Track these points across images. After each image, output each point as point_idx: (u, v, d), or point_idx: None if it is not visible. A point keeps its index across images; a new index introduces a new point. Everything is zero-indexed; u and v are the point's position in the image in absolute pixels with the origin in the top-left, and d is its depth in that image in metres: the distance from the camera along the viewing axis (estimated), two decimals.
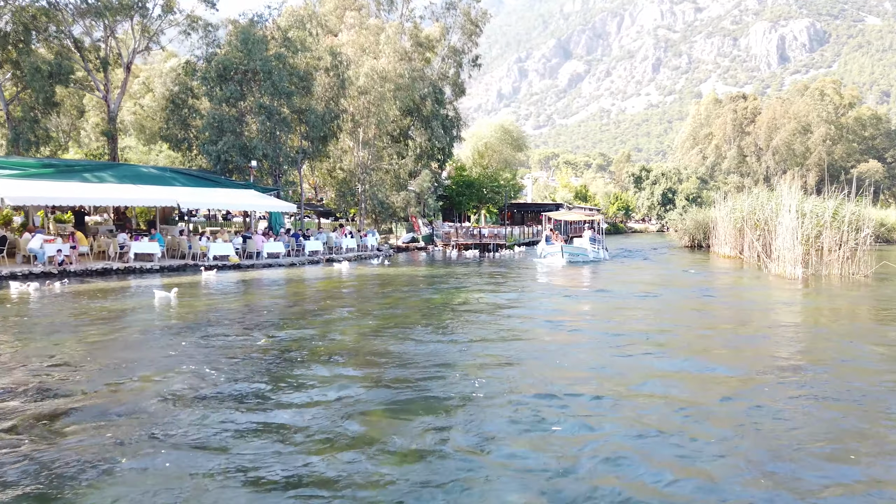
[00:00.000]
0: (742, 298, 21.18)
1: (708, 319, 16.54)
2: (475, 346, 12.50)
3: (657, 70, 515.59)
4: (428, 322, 15.15)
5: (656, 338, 13.65)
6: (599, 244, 40.11)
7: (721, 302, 19.96)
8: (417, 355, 11.58)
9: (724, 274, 30.10)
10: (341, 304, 18.42)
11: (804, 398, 9.30)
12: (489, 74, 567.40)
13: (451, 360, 11.43)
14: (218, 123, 36.63)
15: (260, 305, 18.16)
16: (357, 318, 15.86)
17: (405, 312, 16.86)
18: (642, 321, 15.84)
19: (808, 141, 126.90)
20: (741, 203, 38.88)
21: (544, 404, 8.84)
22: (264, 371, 10.51)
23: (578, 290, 23.49)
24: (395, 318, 15.87)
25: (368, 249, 41.80)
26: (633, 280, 26.35)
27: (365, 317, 16.09)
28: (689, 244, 55.67)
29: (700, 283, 25.73)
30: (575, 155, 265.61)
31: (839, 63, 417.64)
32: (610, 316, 16.93)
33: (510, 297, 20.28)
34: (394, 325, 14.71)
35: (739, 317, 16.83)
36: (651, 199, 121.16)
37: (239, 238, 33.66)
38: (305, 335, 13.59)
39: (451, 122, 55.88)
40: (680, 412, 8.65)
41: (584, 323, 16.11)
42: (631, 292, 21.74)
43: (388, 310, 17.37)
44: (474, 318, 15.84)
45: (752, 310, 18.17)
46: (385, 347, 12.23)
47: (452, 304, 18.44)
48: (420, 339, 13.07)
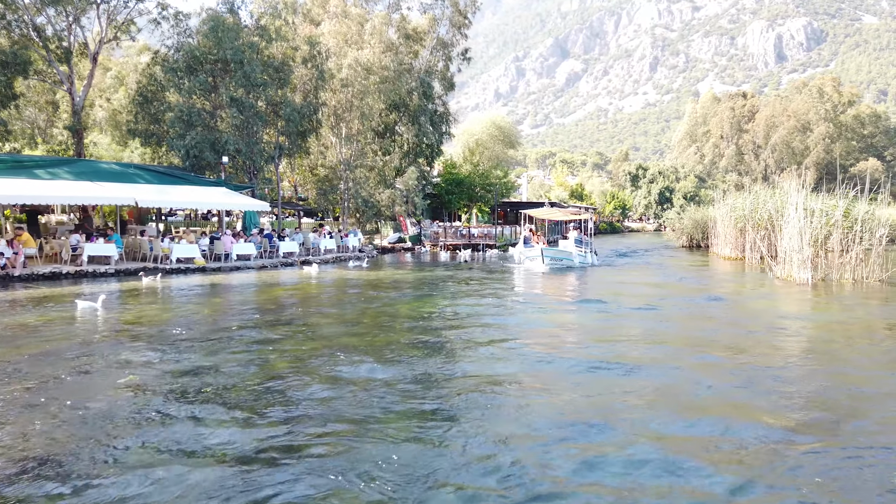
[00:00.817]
0: (750, 312, 18.15)
1: (714, 347, 13.17)
2: (409, 391, 9.50)
3: (654, 69, 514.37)
4: (368, 347, 12.44)
5: (650, 374, 10.61)
6: (587, 247, 35.32)
7: (727, 319, 16.90)
8: (331, 402, 8.84)
9: (726, 280, 27.70)
10: (285, 318, 16.05)
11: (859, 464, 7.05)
12: (486, 74, 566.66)
13: (365, 413, 8.34)
14: (186, 117, 34.43)
15: (189, 319, 15.77)
16: (294, 337, 13.48)
17: (353, 330, 14.49)
18: (634, 346, 12.95)
19: (808, 139, 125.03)
20: (742, 201, 36.74)
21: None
22: (105, 423, 7.77)
23: (558, 304, 20.31)
24: (339, 337, 13.50)
25: (350, 251, 39.60)
26: (625, 290, 23.14)
27: (305, 335, 13.70)
28: (687, 244, 53.63)
29: (700, 291, 22.92)
30: (572, 154, 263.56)
31: (836, 62, 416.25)
32: (594, 339, 13.97)
33: (475, 310, 17.36)
34: (333, 347, 12.34)
35: (750, 342, 13.40)
36: (648, 197, 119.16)
37: (206, 239, 31.47)
38: (212, 363, 10.86)
39: (440, 118, 53.69)
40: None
41: (558, 351, 12.64)
42: (622, 306, 18.75)
43: (335, 326, 15.04)
44: (424, 343, 12.96)
45: (763, 328, 15.28)
46: (298, 383, 9.86)
47: (407, 321, 15.93)
48: (346, 375, 10.24)
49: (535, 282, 26.66)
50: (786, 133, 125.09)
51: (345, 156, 43.43)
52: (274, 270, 30.32)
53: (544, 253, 31.30)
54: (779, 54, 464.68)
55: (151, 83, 37.73)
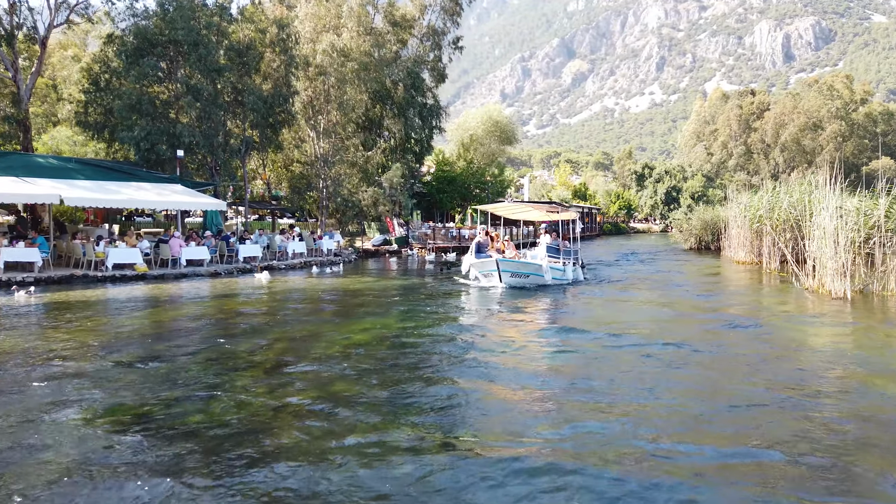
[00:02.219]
0: (798, 354, 12.47)
1: (769, 437, 8.10)
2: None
3: (661, 69, 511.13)
4: (241, 400, 8.98)
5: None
6: (569, 257, 25.89)
7: (770, 373, 10.41)
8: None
9: (746, 293, 22.89)
10: (174, 346, 12.42)
11: None
12: (492, 74, 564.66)
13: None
14: (136, 105, 30.76)
15: (39, 347, 12.12)
16: (160, 380, 9.93)
17: (243, 369, 10.87)
18: (642, 438, 7.51)
19: (819, 137, 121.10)
20: (758, 200, 32.86)
21: None
22: None
23: (517, 344, 13.14)
24: (216, 378, 9.91)
25: (324, 254, 35.91)
26: (618, 316, 17.05)
27: (164, 378, 10.15)
28: (696, 246, 49.81)
29: (718, 313, 17.52)
30: (578, 154, 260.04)
31: (845, 61, 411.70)
32: (557, 422, 8.17)
33: (404, 341, 13.23)
34: (199, 387, 8.76)
35: (823, 430, 8.32)
36: (654, 197, 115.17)
37: (146, 242, 27.81)
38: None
39: (429, 111, 49.89)
40: None
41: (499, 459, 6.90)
42: (612, 346, 12.75)
43: (218, 365, 11.38)
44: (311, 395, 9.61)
45: (832, 388, 9.84)
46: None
47: (316, 355, 12.24)
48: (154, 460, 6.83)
49: (483, 305, 19.40)
50: (796, 131, 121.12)
51: (322, 150, 39.75)
52: (227, 278, 26.62)
53: (501, 266, 22.65)
54: (787, 54, 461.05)
55: (104, 70, 34.01)
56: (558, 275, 24.57)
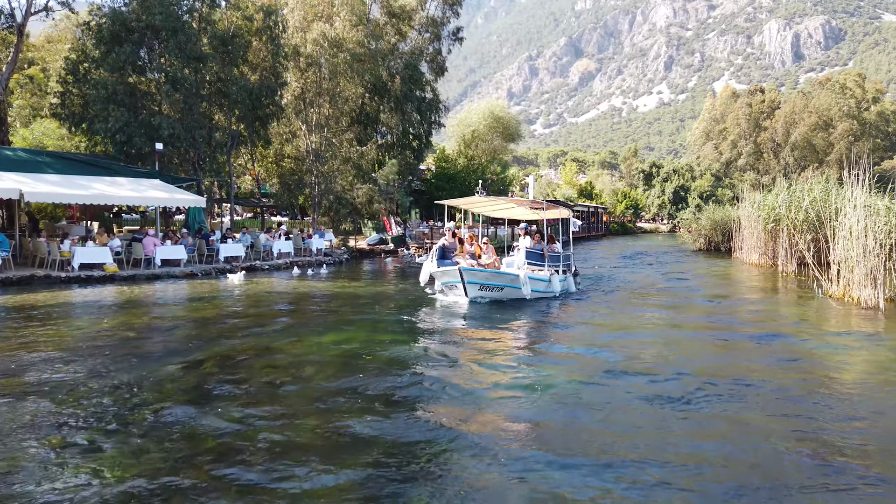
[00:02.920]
0: (833, 377, 10.46)
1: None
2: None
3: (669, 68, 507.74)
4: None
5: None
6: (558, 264, 21.53)
7: (822, 425, 7.92)
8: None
9: (765, 302, 20.41)
10: (80, 367, 10.65)
11: None
12: (499, 73, 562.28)
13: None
14: (112, 96, 28.95)
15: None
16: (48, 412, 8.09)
17: (140, 406, 9.13)
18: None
19: (830, 136, 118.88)
20: (773, 198, 30.85)
21: None
22: None
23: (468, 386, 9.82)
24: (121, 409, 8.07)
25: (313, 254, 34.05)
26: (614, 341, 13.44)
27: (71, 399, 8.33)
28: (705, 247, 47.81)
29: (738, 330, 15.00)
30: (585, 153, 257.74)
31: (855, 61, 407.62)
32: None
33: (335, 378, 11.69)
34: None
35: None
36: (662, 197, 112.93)
37: (117, 240, 25.99)
38: None
39: (428, 106, 47.96)
40: None
41: None
42: (601, 381, 10.09)
43: (136, 391, 9.61)
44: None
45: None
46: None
47: (233, 387, 10.58)
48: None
49: (446, 322, 16.04)
50: (807, 130, 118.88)
51: (314, 145, 37.91)
52: (202, 280, 24.82)
53: (466, 277, 17.96)
54: (796, 53, 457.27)
55: (82, 59, 32.20)
56: (541, 287, 20.05)
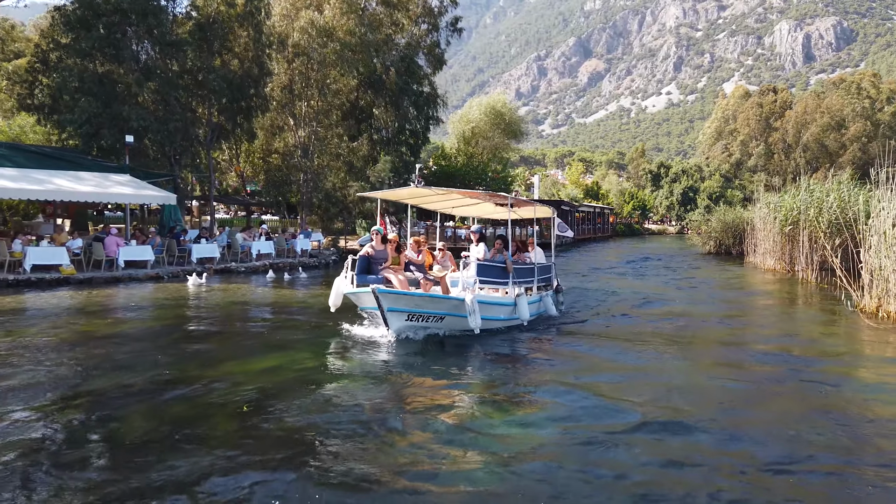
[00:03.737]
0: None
1: None
2: None
3: (679, 69, 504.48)
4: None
5: None
6: (529, 281, 15.96)
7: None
8: None
9: (784, 316, 17.87)
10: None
11: None
12: (508, 73, 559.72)
13: None
14: (77, 83, 26.94)
15: None
16: None
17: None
18: None
19: (843, 137, 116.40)
20: (791, 199, 28.60)
21: None
22: None
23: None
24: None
25: (298, 256, 31.95)
26: (607, 405, 8.76)
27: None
28: (715, 250, 45.56)
29: (752, 348, 12.56)
30: (593, 153, 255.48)
31: (866, 62, 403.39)
32: None
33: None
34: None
35: None
36: (670, 198, 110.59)
37: (79, 240, 23.98)
38: None
39: (426, 100, 45.81)
40: None
41: None
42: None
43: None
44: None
45: None
46: None
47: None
48: None
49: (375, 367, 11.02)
50: (818, 131, 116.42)
51: (302, 140, 35.85)
52: (167, 283, 22.77)
53: (385, 302, 12.29)
54: (807, 54, 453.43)
55: (52, 46, 30.16)
56: (501, 313, 14.30)
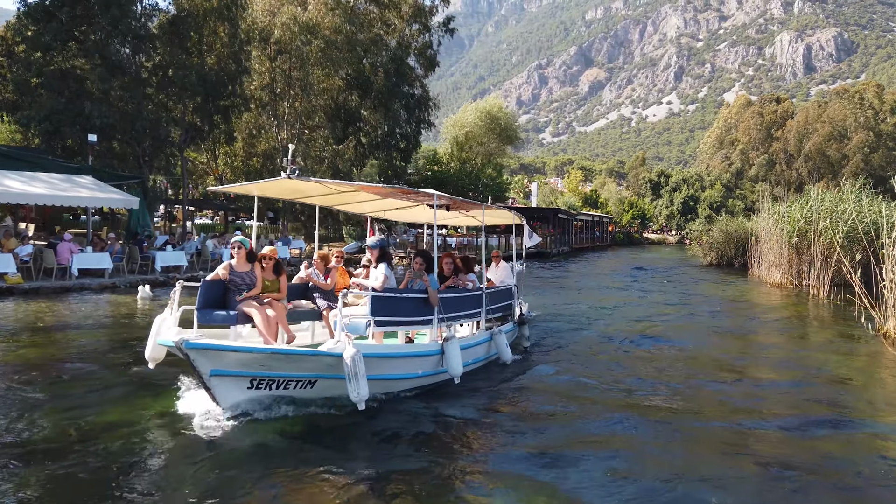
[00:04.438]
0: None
1: None
2: None
3: (679, 79, 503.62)
4: None
5: None
6: (473, 314, 11.28)
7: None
8: None
9: (798, 343, 15.53)
10: None
11: None
12: (509, 81, 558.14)
13: None
14: (40, 79, 25.16)
15: None
16: None
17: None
18: None
19: (845, 148, 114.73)
20: (799, 209, 26.78)
21: None
22: None
23: None
24: None
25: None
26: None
27: None
28: (717, 261, 43.72)
29: (772, 401, 9.78)
30: (593, 162, 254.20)
31: (867, 74, 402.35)
32: None
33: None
34: None
35: None
36: (670, 207, 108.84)
37: (28, 247, 22.14)
38: None
39: (417, 103, 44.03)
40: None
41: None
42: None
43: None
44: None
45: None
46: None
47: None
48: None
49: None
50: (820, 141, 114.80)
51: (284, 142, 34.07)
52: (126, 294, 20.94)
53: (203, 366, 7.20)
54: (808, 65, 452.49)
55: (18, 40, 28.36)
56: (414, 368, 9.47)
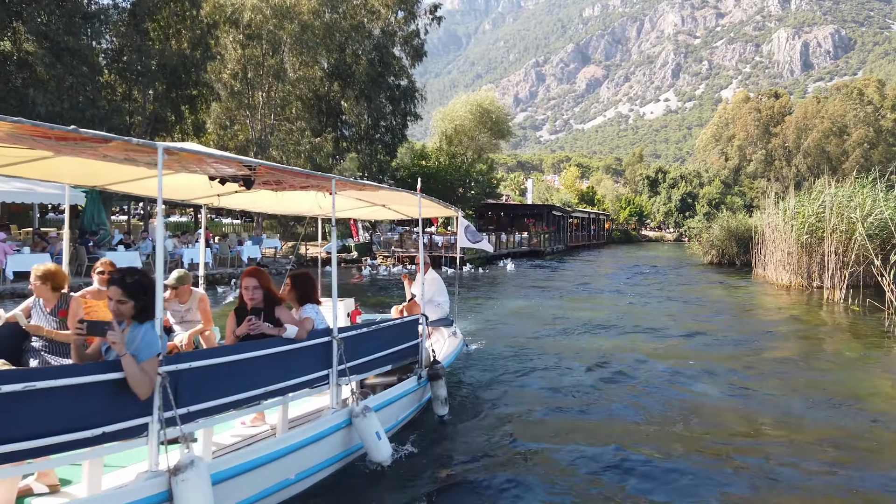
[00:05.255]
0: None
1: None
2: None
3: (677, 76, 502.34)
4: None
5: None
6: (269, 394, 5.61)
7: None
8: None
9: (822, 357, 13.13)
10: None
11: None
12: (506, 79, 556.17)
13: None
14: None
15: None
16: None
17: None
18: None
19: (844, 143, 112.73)
20: (810, 204, 24.62)
21: None
22: None
23: None
24: None
25: (244, 265, 27.97)
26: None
27: None
28: (717, 260, 41.67)
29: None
30: (590, 159, 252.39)
31: (864, 71, 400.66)
32: None
33: None
34: None
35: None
36: (668, 204, 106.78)
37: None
38: None
39: (403, 95, 41.80)
40: None
41: None
42: None
43: None
44: None
45: None
46: None
47: None
48: None
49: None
50: (819, 137, 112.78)
51: (258, 134, 31.88)
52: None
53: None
54: (805, 62, 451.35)
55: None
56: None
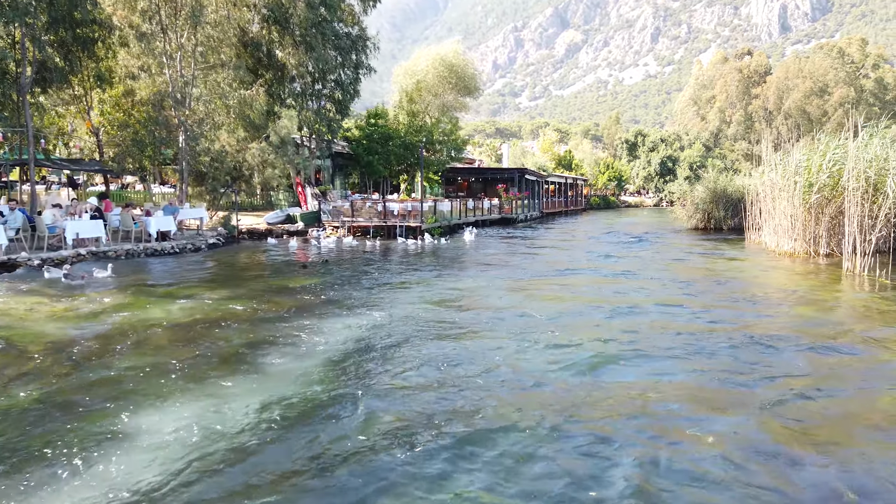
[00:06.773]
0: None
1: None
2: None
3: (656, 40, 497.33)
4: None
5: None
6: None
7: None
8: None
9: (860, 353, 10.10)
10: None
11: None
12: (484, 44, 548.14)
13: None
14: None
15: None
16: None
17: None
18: None
19: (825, 104, 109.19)
20: (819, 157, 20.67)
21: None
22: None
23: None
24: None
25: (153, 239, 23.64)
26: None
27: None
28: (703, 224, 38.00)
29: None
30: (569, 125, 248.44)
31: (842, 33, 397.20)
32: None
33: None
34: None
35: None
36: (648, 168, 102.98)
37: None
38: None
39: (352, 44, 37.17)
40: None
41: None
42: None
43: None
44: None
45: None
46: None
47: None
48: None
49: None
50: (801, 97, 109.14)
51: (170, 86, 27.36)
52: None
53: None
54: (783, 25, 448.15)
55: None
56: None
